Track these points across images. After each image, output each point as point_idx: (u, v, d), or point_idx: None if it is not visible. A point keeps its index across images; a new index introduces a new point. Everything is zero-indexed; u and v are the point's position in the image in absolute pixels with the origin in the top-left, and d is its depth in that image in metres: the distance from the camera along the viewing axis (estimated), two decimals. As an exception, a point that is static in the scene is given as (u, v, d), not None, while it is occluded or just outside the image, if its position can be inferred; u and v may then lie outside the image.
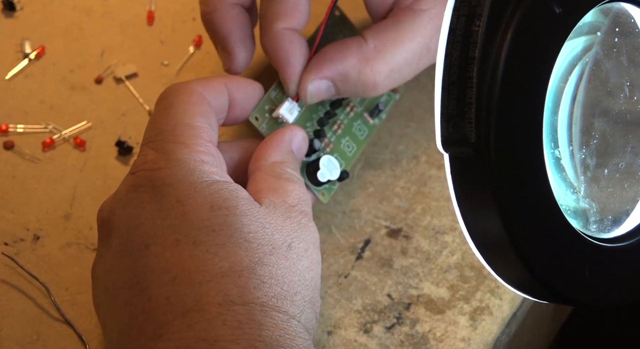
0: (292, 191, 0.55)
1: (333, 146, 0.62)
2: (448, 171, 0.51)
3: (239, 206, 0.51)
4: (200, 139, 0.53)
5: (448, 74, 0.49)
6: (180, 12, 0.71)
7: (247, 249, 0.50)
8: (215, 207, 0.51)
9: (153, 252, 0.50)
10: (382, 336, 0.58)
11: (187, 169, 0.52)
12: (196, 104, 0.55)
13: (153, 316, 0.49)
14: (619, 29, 0.55)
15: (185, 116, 0.54)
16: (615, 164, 0.55)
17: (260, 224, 0.51)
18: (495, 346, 0.59)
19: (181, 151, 0.52)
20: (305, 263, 0.52)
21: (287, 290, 0.50)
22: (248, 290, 0.49)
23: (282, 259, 0.51)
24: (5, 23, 0.70)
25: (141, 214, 0.51)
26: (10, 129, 0.65)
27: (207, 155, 0.53)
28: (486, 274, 0.60)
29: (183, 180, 0.51)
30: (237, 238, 0.50)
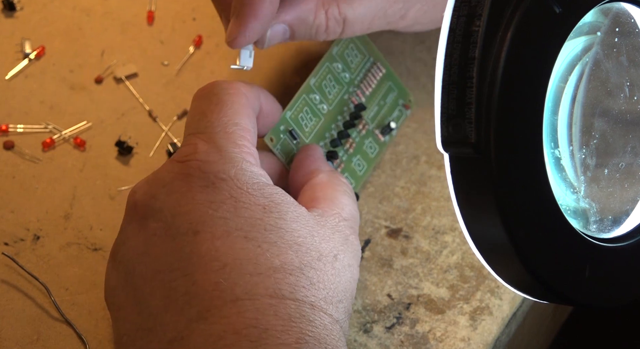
0: (347, 204, 0.56)
1: (344, 165, 0.62)
2: (448, 171, 0.51)
3: (290, 211, 0.52)
4: (248, 141, 0.54)
5: (448, 74, 0.49)
6: (180, 12, 0.71)
7: (297, 251, 0.51)
8: (267, 209, 0.51)
9: (202, 239, 0.50)
10: (382, 336, 0.58)
11: (239, 167, 0.52)
12: (245, 106, 0.55)
13: (198, 300, 0.49)
14: (619, 29, 0.55)
15: (236, 115, 0.54)
16: (615, 164, 0.55)
17: (309, 231, 0.52)
18: (495, 346, 0.59)
19: (233, 150, 0.53)
20: (347, 276, 0.53)
21: (334, 296, 0.51)
22: (299, 288, 0.50)
23: (329, 267, 0.52)
24: (5, 23, 0.70)
25: (190, 202, 0.51)
26: (10, 129, 0.65)
27: (253, 157, 0.53)
28: (486, 274, 0.60)
29: (237, 177, 0.52)
30: (287, 240, 0.51)
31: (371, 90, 0.64)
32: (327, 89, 0.62)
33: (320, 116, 0.62)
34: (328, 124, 0.62)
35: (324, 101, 0.62)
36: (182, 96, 0.67)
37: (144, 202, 0.52)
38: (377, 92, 0.65)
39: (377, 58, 0.65)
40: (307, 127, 0.61)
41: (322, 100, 0.62)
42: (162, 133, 0.66)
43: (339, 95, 0.63)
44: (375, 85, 0.65)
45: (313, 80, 0.62)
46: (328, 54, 0.63)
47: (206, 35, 0.70)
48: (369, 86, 0.64)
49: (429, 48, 0.67)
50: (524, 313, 0.61)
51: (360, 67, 0.64)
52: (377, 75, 0.65)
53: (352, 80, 0.64)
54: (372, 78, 0.65)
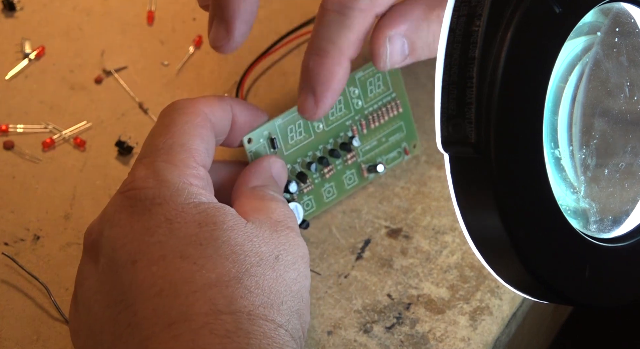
0: (276, 208, 0.55)
1: (313, 187, 0.61)
2: (448, 171, 0.51)
3: (226, 221, 0.51)
4: (193, 161, 0.53)
5: (448, 74, 0.49)
6: (180, 12, 0.71)
7: (234, 260, 0.50)
8: (202, 223, 0.51)
9: (139, 267, 0.50)
10: (382, 336, 0.58)
11: (175, 189, 0.52)
12: (198, 127, 0.54)
13: (138, 330, 0.49)
14: (619, 29, 0.55)
15: (184, 136, 0.54)
16: (615, 164, 0.55)
17: (247, 236, 0.51)
18: (495, 346, 0.59)
19: (171, 172, 0.52)
20: (292, 275, 0.52)
21: (274, 299, 0.50)
22: (235, 299, 0.49)
23: (269, 270, 0.51)
24: (5, 23, 0.70)
25: (128, 232, 0.51)
26: (10, 129, 0.65)
27: (197, 178, 0.53)
28: (486, 274, 0.60)
29: (172, 200, 0.51)
30: (224, 250, 0.50)
31: (378, 125, 0.62)
32: (333, 110, 0.60)
33: (312, 133, 0.60)
34: (316, 144, 0.60)
35: (322, 120, 0.61)
36: (182, 96, 0.67)
37: (95, 241, 0.52)
38: (383, 128, 0.63)
39: (400, 95, 0.63)
40: (293, 140, 0.60)
41: (321, 120, 0.61)
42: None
43: (342, 119, 0.61)
44: (385, 121, 0.62)
45: None
46: (350, 76, 0.59)
47: (206, 35, 0.70)
48: (378, 120, 0.62)
49: (429, 48, 0.67)
50: (524, 313, 0.61)
51: (378, 99, 0.62)
52: (392, 112, 0.63)
53: (362, 109, 0.62)
54: (385, 114, 0.62)
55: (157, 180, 0.52)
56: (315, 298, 0.59)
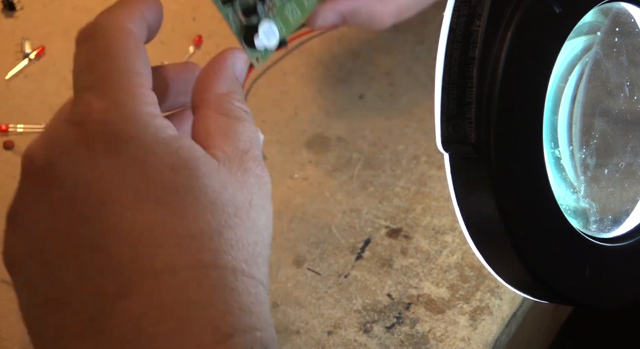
0: (243, 132, 0.51)
1: (277, 10, 0.59)
2: (448, 171, 0.51)
3: (200, 167, 0.48)
4: (145, 87, 0.49)
5: (448, 74, 0.49)
6: (180, 12, 0.71)
7: (214, 211, 0.48)
8: (176, 168, 0.48)
9: (111, 211, 0.47)
10: (382, 336, 0.58)
11: (141, 124, 0.48)
12: (135, 47, 0.50)
13: (115, 276, 0.46)
14: (619, 29, 0.55)
15: (128, 61, 0.50)
16: (615, 164, 0.55)
17: (222, 184, 0.49)
18: (495, 346, 0.59)
19: (132, 102, 0.48)
20: (263, 219, 0.50)
21: (252, 253, 0.48)
22: (219, 254, 0.47)
23: (245, 220, 0.49)
24: (5, 23, 0.70)
25: (93, 170, 0.47)
26: (10, 129, 0.65)
27: (154, 106, 0.49)
28: (486, 274, 0.60)
29: (140, 137, 0.48)
30: (202, 200, 0.47)
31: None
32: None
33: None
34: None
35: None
36: (182, 96, 0.67)
37: (43, 169, 0.48)
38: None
39: None
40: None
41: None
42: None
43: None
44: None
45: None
46: None
47: (206, 35, 0.70)
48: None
49: (429, 48, 0.68)
50: (524, 313, 0.61)
51: None
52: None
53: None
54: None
55: (119, 112, 0.48)
56: (315, 298, 0.59)
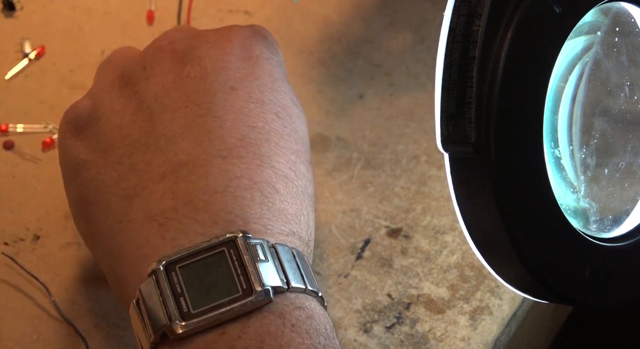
0: None
1: None
2: (448, 171, 0.51)
3: (301, 114, 0.56)
4: None
5: (448, 73, 0.49)
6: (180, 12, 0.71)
7: (302, 142, 0.54)
8: (294, 103, 0.55)
9: (239, 95, 0.52)
10: (382, 335, 0.58)
11: (277, 57, 0.56)
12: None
13: (220, 140, 0.51)
14: (619, 28, 0.55)
15: None
16: (615, 163, 0.55)
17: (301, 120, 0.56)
18: (495, 346, 0.59)
19: (271, 38, 0.57)
20: (301, 126, 0.56)
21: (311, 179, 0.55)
22: (305, 179, 0.53)
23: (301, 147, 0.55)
24: (5, 23, 0.70)
25: (232, 61, 0.54)
26: (10, 129, 0.65)
27: None
28: (486, 274, 0.60)
29: (274, 63, 0.55)
30: (300, 133, 0.54)
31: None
32: None
33: None
34: None
35: None
36: (182, 96, 0.67)
37: (183, 50, 0.54)
38: None
39: None
40: None
41: None
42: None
43: None
44: None
45: None
46: None
47: (206, 35, 0.70)
48: None
49: (429, 48, 0.67)
50: (524, 313, 0.61)
51: None
52: None
53: None
54: None
55: (264, 38, 0.56)
56: (315, 298, 0.59)
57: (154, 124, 0.52)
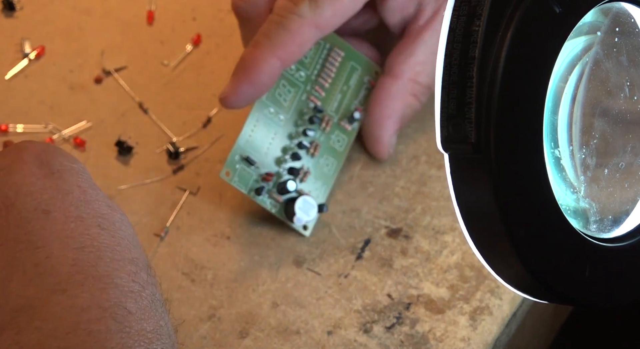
0: None
1: (311, 172, 0.61)
2: (448, 171, 0.51)
3: (123, 217, 0.51)
4: None
5: (448, 73, 0.49)
6: (180, 12, 0.71)
7: (140, 251, 0.50)
8: (111, 207, 0.50)
9: (54, 218, 0.48)
10: (382, 336, 0.58)
11: (78, 166, 0.51)
12: None
13: (54, 272, 0.47)
14: (619, 28, 0.55)
15: None
16: (615, 163, 0.55)
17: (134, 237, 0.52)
18: (495, 346, 0.59)
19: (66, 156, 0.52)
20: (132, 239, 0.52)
21: None
22: (148, 283, 0.49)
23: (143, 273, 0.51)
24: (5, 23, 0.70)
25: (35, 183, 0.49)
26: (10, 129, 0.65)
27: None
28: (486, 274, 0.60)
29: (79, 172, 0.51)
30: (132, 240, 0.50)
31: (331, 80, 0.62)
32: (282, 97, 0.60)
33: (276, 128, 0.60)
34: (283, 135, 0.60)
35: (279, 110, 0.60)
36: (182, 96, 0.67)
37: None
38: (338, 79, 0.63)
39: (333, 42, 0.63)
40: (264, 147, 0.60)
41: (278, 110, 0.60)
42: (162, 132, 0.66)
43: (296, 98, 0.61)
44: (335, 74, 0.62)
45: (264, 96, 0.60)
46: None
47: (206, 35, 0.70)
48: (329, 76, 0.62)
49: (429, 48, 0.67)
50: (524, 313, 0.61)
51: (316, 60, 0.62)
52: (336, 61, 0.63)
53: (308, 77, 0.62)
54: (331, 67, 0.63)
55: (61, 152, 0.52)
56: (315, 298, 0.59)
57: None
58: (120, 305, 0.46)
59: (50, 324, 0.45)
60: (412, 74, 0.64)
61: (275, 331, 0.58)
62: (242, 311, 0.59)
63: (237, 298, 0.60)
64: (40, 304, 0.46)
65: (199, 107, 0.67)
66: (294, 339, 0.58)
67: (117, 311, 0.46)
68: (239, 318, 0.59)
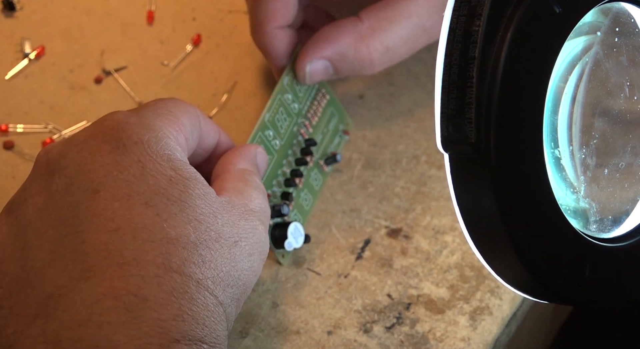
0: (256, 198, 0.54)
1: (295, 202, 0.61)
2: (448, 171, 0.51)
3: (197, 187, 0.51)
4: (178, 127, 0.53)
5: (448, 73, 0.49)
6: (180, 12, 0.71)
7: (196, 227, 0.50)
8: (173, 181, 0.50)
9: (101, 198, 0.49)
10: (382, 336, 0.58)
11: (154, 135, 0.51)
12: (192, 115, 0.55)
13: (84, 258, 0.47)
14: (619, 29, 0.55)
15: (177, 110, 0.54)
16: (615, 164, 0.55)
17: (212, 211, 0.51)
18: (495, 346, 0.59)
19: (155, 120, 0.52)
20: (245, 265, 0.51)
21: (223, 279, 0.50)
22: (189, 263, 0.48)
23: (226, 251, 0.50)
24: (5, 23, 0.70)
25: (97, 160, 0.50)
26: (10, 129, 0.65)
27: (177, 139, 0.52)
28: (486, 274, 0.60)
29: (149, 144, 0.50)
30: (188, 214, 0.50)
31: (317, 119, 0.64)
32: (280, 123, 0.61)
33: (274, 152, 0.61)
34: (280, 160, 0.61)
35: (277, 136, 0.61)
36: (182, 96, 0.67)
37: (54, 160, 0.51)
38: (322, 120, 0.64)
39: (322, 84, 0.65)
40: None
41: (275, 135, 0.61)
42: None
43: (290, 128, 0.62)
44: (320, 113, 0.64)
45: (267, 115, 0.61)
46: (279, 85, 0.62)
47: (206, 35, 0.70)
48: (315, 115, 0.64)
49: (429, 48, 0.67)
50: (524, 313, 0.61)
51: (307, 96, 0.64)
52: (322, 102, 0.64)
53: (300, 110, 0.63)
54: (318, 106, 0.64)
55: (139, 121, 0.51)
56: (315, 298, 0.59)
57: (27, 255, 0.48)
58: (136, 294, 0.46)
59: (68, 315, 0.46)
60: (376, 23, 0.62)
61: (275, 331, 0.58)
62: (242, 311, 0.59)
63: (237, 298, 0.60)
64: (66, 293, 0.46)
65: (199, 107, 0.67)
66: (294, 339, 0.58)
67: (132, 301, 0.46)
68: (239, 318, 0.59)
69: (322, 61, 0.62)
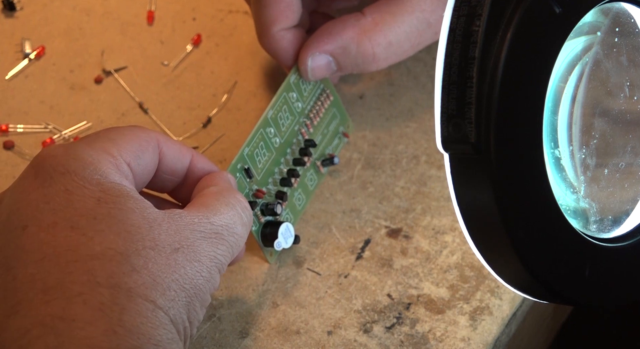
0: (224, 213, 0.53)
1: (288, 201, 0.61)
2: (448, 171, 0.51)
3: (129, 203, 0.50)
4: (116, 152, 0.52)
5: (448, 73, 0.49)
6: (180, 12, 0.71)
7: (126, 239, 0.49)
8: (102, 200, 0.50)
9: (28, 233, 0.49)
10: (382, 336, 0.58)
11: (82, 163, 0.51)
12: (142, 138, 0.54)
13: (13, 294, 0.47)
14: (619, 29, 0.55)
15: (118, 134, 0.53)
16: (615, 164, 0.55)
17: (147, 222, 0.50)
18: (495, 346, 0.59)
19: (83, 150, 0.52)
20: (189, 271, 0.50)
21: (160, 283, 0.49)
22: (117, 275, 0.48)
23: (163, 257, 0.50)
24: (5, 23, 0.70)
25: (25, 198, 0.50)
26: (10, 129, 0.65)
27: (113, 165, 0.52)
28: (486, 274, 0.60)
29: (76, 172, 0.50)
30: (117, 228, 0.49)
31: (318, 119, 0.64)
32: (282, 121, 0.61)
33: (273, 150, 0.61)
34: (278, 158, 0.61)
35: (277, 133, 0.61)
36: (182, 96, 0.67)
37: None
38: (323, 120, 0.64)
39: (327, 85, 0.64)
40: (260, 163, 0.60)
41: (276, 133, 0.61)
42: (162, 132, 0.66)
43: (291, 126, 0.62)
44: (322, 114, 0.64)
45: (271, 112, 0.61)
46: (286, 82, 0.62)
47: (206, 35, 0.70)
48: (317, 115, 0.64)
49: (429, 48, 0.67)
50: (524, 313, 0.61)
51: (311, 96, 0.63)
52: (326, 103, 0.64)
53: (303, 110, 0.63)
54: (321, 106, 0.64)
55: (65, 152, 0.51)
56: (315, 298, 0.59)
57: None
58: (62, 317, 0.46)
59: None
60: (379, 17, 0.62)
61: (275, 331, 0.58)
62: (242, 311, 0.59)
63: (237, 298, 0.60)
64: None
65: (199, 107, 0.67)
66: (294, 339, 0.58)
67: (58, 325, 0.46)
68: (239, 318, 0.59)
69: (325, 56, 0.62)
